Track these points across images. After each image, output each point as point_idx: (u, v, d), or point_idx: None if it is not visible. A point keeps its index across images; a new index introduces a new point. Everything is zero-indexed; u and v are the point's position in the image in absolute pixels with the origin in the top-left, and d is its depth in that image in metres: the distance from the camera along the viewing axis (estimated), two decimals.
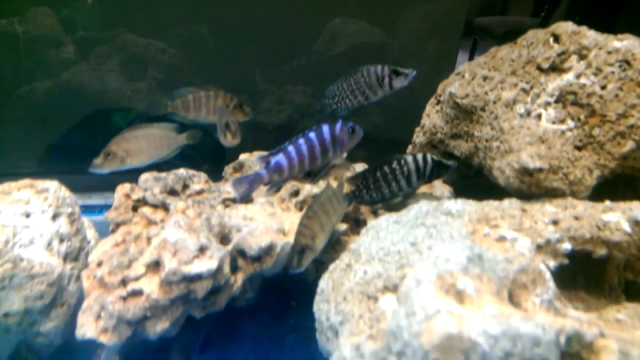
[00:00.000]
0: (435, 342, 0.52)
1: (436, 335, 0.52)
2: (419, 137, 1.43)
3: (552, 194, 1.00)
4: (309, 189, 1.19)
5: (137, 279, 0.83)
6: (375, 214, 1.18)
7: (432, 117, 1.38)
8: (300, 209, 1.15)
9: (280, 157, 1.20)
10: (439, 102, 1.37)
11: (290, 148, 1.21)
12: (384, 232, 0.91)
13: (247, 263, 0.95)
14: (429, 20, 2.31)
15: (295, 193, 1.20)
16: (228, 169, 1.42)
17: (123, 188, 1.10)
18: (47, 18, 2.13)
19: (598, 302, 0.86)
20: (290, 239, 1.02)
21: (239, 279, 0.93)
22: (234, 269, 0.94)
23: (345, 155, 1.44)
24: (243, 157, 1.43)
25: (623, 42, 1.05)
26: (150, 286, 0.82)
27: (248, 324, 1.05)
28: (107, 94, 2.21)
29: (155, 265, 0.85)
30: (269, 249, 0.95)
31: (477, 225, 0.86)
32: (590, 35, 1.10)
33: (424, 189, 1.26)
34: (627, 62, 1.01)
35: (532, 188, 1.01)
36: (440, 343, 0.52)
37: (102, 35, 2.16)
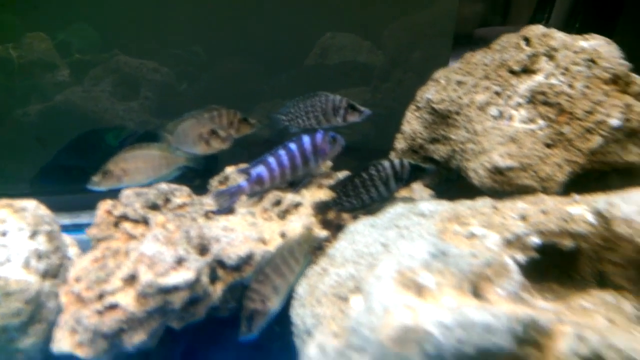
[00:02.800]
0: (391, 335, 0.53)
1: (393, 328, 0.53)
2: (400, 143, 1.44)
3: (524, 191, 1.01)
4: (291, 198, 1.21)
5: (113, 293, 0.84)
6: (356, 219, 1.19)
7: (412, 123, 1.39)
8: (282, 218, 1.16)
9: (261, 169, 1.22)
10: (418, 108, 1.39)
11: (271, 159, 1.23)
12: (359, 235, 0.92)
13: (227, 273, 0.96)
14: (415, 30, 2.35)
15: (277, 202, 1.22)
16: (213, 182, 1.43)
17: (105, 204, 1.11)
18: (42, 43, 2.19)
19: (568, 292, 0.86)
20: (271, 247, 1.04)
21: (218, 289, 0.93)
22: (214, 279, 0.95)
23: (331, 165, 1.46)
24: (229, 169, 1.45)
25: (589, 42, 1.07)
26: (127, 299, 0.83)
27: (230, 334, 1.06)
28: (99, 114, 2.26)
29: (131, 279, 0.86)
30: (248, 258, 0.96)
31: (448, 224, 0.87)
32: (558, 37, 1.12)
33: (404, 193, 1.27)
34: (593, 61, 1.03)
35: (504, 186, 1.03)
36: (396, 336, 0.53)
37: (97, 58, 2.21)
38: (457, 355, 0.53)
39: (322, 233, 1.08)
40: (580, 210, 0.84)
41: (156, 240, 0.88)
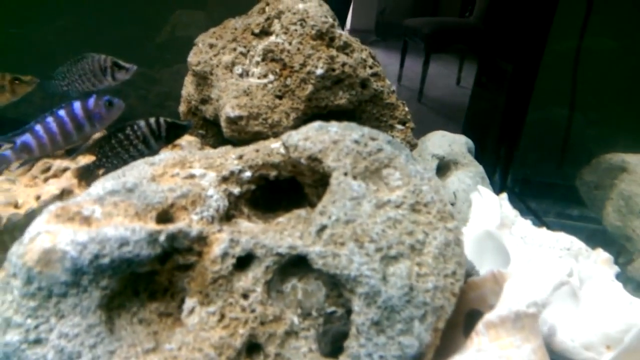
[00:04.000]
0: (34, 258, 0.63)
1: (35, 252, 0.64)
2: (181, 107, 1.54)
3: (258, 137, 1.17)
4: (59, 164, 1.25)
5: None
6: None
7: (187, 86, 1.50)
8: (46, 183, 1.20)
9: (26, 137, 1.24)
10: (189, 72, 1.49)
11: (38, 127, 1.25)
12: (92, 187, 1.00)
13: None
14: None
15: (47, 169, 1.25)
16: None
17: None
18: None
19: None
20: (23, 210, 1.08)
21: None
22: None
23: None
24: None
25: (305, 4, 1.25)
26: None
27: None
28: None
29: None
30: None
31: (170, 168, 0.99)
32: (285, 1, 1.29)
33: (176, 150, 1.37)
34: (304, 20, 1.21)
35: (240, 134, 1.18)
36: (39, 258, 0.64)
37: None
38: (95, 266, 0.65)
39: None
40: (277, 144, 1.01)
41: None
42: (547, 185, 1.98)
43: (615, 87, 1.90)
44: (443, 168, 1.46)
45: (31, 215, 1.09)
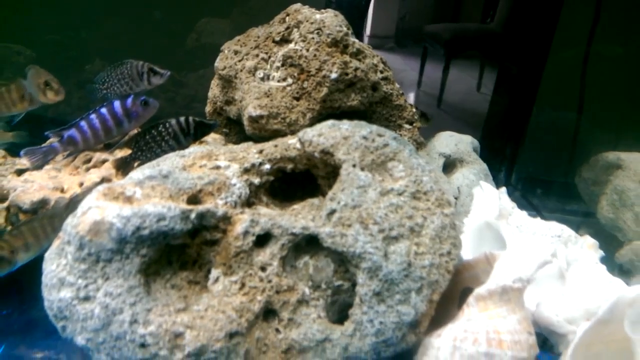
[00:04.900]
0: (86, 228, 0.76)
1: (87, 223, 0.77)
2: (207, 107, 1.68)
3: (276, 134, 1.29)
4: (99, 156, 1.40)
5: None
6: None
7: (214, 89, 1.63)
8: (88, 172, 1.35)
9: (72, 131, 1.38)
10: (215, 76, 1.62)
11: (82, 123, 1.39)
12: (131, 174, 1.13)
13: (26, 216, 1.14)
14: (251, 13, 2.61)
15: (88, 160, 1.40)
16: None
17: None
18: None
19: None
20: (68, 195, 1.22)
21: None
22: (15, 221, 1.13)
23: None
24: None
25: (322, 15, 1.37)
26: None
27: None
28: None
29: None
30: (43, 203, 1.15)
31: (198, 160, 1.11)
32: (304, 12, 1.41)
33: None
34: (321, 29, 1.33)
35: (261, 132, 1.30)
36: (89, 228, 0.76)
37: None
38: (137, 236, 0.78)
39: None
40: (294, 140, 1.13)
41: None
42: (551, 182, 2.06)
43: (620, 91, 1.97)
44: (449, 165, 1.56)
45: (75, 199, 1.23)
